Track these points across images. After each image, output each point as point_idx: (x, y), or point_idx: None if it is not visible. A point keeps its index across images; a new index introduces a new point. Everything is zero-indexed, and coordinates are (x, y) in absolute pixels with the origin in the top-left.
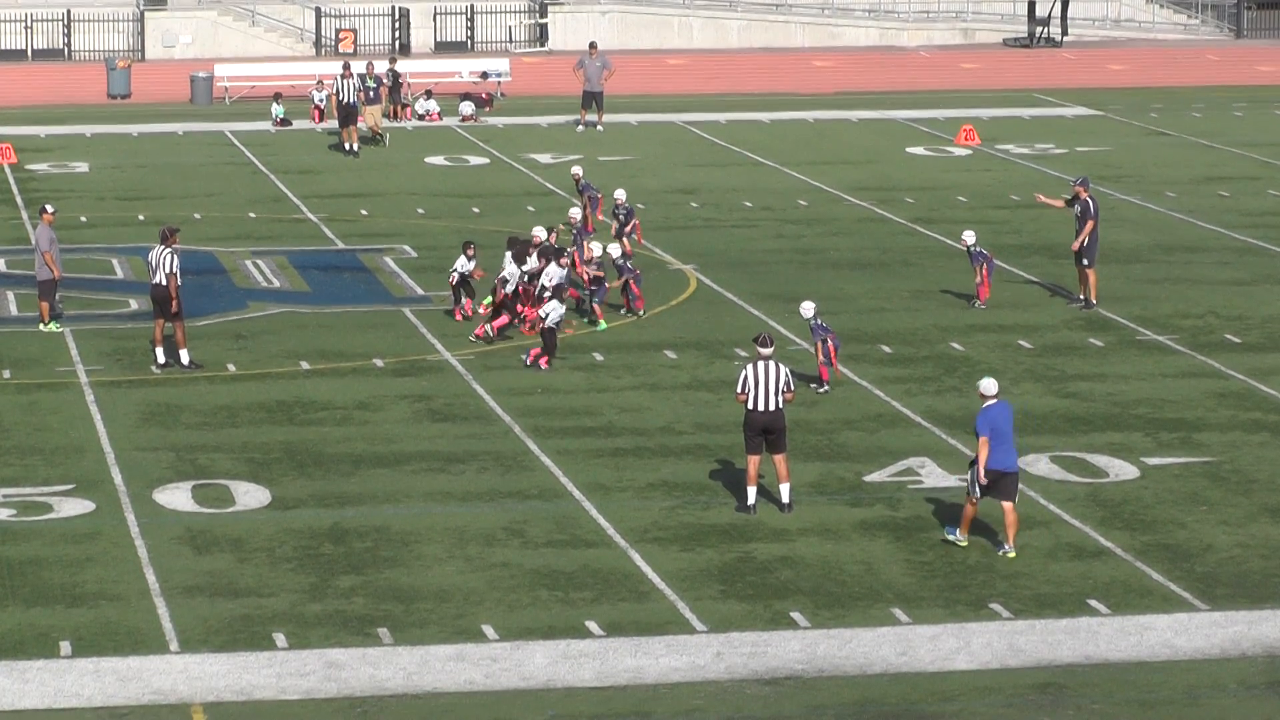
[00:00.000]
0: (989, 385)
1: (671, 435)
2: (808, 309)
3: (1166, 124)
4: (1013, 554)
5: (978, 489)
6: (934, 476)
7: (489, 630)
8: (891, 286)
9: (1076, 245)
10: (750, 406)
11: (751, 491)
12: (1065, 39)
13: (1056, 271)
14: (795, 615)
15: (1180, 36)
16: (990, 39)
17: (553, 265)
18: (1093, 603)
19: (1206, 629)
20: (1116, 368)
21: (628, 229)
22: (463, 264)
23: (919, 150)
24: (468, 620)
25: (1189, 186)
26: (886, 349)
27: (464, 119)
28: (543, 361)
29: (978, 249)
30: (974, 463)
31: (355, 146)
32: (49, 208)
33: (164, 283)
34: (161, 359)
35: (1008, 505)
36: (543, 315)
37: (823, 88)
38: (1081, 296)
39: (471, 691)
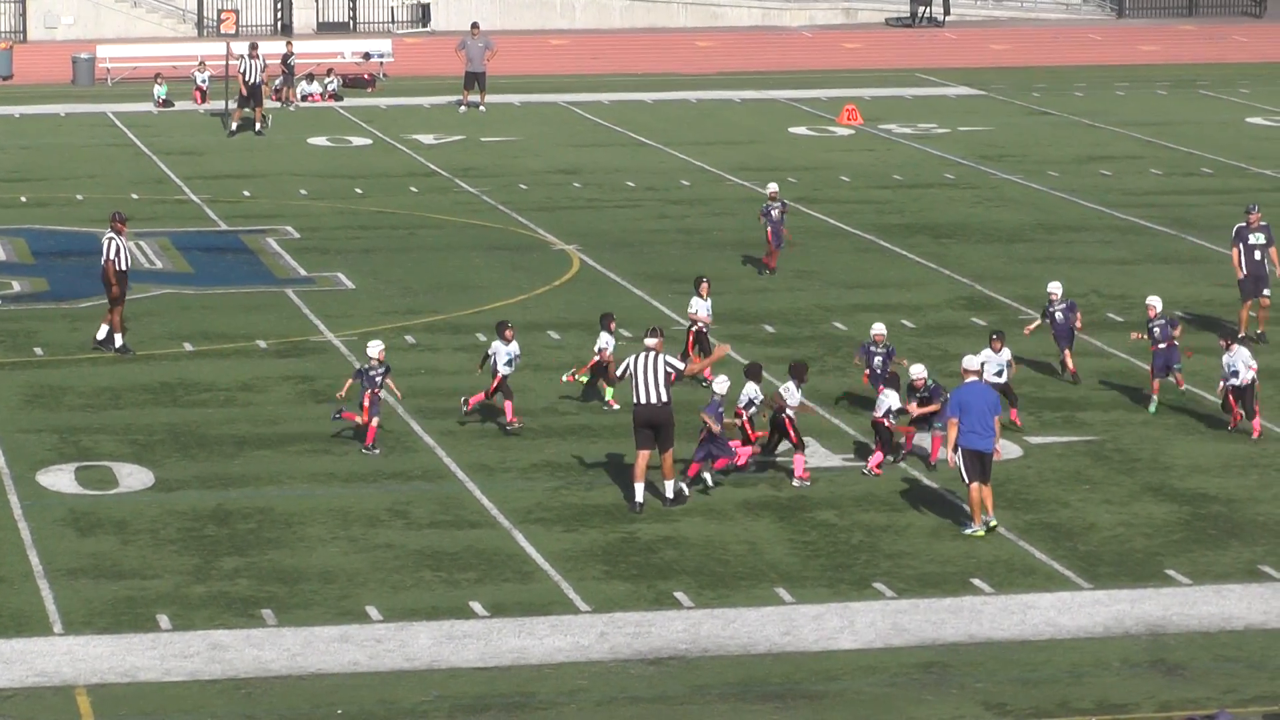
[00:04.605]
0: (970, 361)
1: (555, 416)
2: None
3: (1049, 103)
4: (994, 523)
5: (964, 472)
6: (817, 456)
7: (373, 611)
8: (775, 266)
9: None
10: (633, 400)
11: (638, 488)
12: (947, 19)
13: (939, 251)
14: (679, 595)
15: (1063, 16)
16: (872, 19)
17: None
18: (976, 582)
19: (1089, 607)
20: None
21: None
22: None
23: (802, 130)
24: (352, 601)
25: (1071, 166)
26: (770, 329)
27: (315, 98)
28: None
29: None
30: (956, 447)
31: (235, 126)
32: None
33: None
34: (119, 342)
35: (982, 483)
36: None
37: (705, 68)
38: (1260, 331)
39: (356, 672)
